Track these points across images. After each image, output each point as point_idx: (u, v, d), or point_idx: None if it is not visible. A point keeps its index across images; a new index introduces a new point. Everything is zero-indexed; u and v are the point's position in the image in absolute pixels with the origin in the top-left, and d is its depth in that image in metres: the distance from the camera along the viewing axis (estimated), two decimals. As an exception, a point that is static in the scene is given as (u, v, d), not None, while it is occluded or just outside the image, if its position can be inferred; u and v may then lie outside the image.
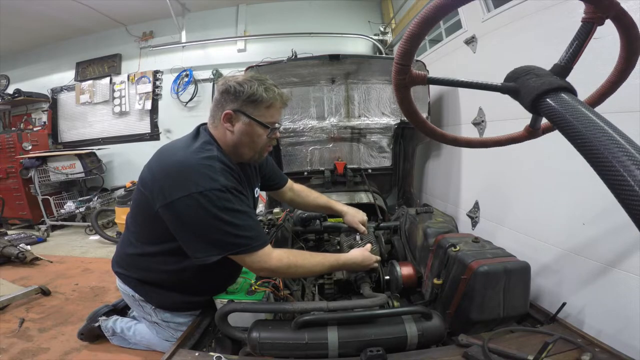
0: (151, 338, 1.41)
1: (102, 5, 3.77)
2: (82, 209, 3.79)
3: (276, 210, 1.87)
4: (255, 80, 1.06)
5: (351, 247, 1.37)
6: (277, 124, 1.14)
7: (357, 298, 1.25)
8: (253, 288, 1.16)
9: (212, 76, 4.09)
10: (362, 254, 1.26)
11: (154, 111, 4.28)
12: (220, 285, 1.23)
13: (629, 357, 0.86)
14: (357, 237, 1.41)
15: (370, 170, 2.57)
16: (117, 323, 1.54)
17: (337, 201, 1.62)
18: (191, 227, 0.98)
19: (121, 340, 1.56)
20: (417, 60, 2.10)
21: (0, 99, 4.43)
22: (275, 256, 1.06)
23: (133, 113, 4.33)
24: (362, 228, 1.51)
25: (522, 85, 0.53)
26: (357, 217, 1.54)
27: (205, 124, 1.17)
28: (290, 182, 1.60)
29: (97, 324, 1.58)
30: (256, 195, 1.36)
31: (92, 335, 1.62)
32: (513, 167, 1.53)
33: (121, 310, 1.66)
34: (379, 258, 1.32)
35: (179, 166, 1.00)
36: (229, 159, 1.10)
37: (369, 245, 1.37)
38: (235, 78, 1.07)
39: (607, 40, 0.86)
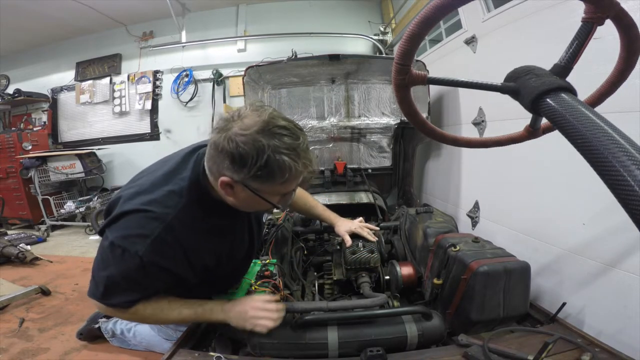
0: (151, 339, 1.41)
1: (102, 5, 3.77)
2: (82, 209, 3.79)
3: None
4: (267, 137, 0.73)
5: (353, 252, 1.37)
6: (289, 195, 0.88)
7: (357, 298, 1.25)
8: (253, 288, 1.16)
9: (212, 76, 4.09)
10: (233, 306, 0.96)
11: (154, 111, 4.28)
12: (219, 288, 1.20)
13: (629, 357, 0.86)
14: (360, 244, 1.41)
15: (370, 170, 2.57)
16: (117, 325, 1.54)
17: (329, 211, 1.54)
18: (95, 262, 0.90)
19: (121, 342, 1.56)
20: (417, 60, 2.10)
21: (0, 99, 4.43)
22: (123, 314, 0.92)
23: (133, 113, 4.33)
24: (348, 240, 1.38)
25: (522, 85, 0.53)
26: (346, 227, 1.43)
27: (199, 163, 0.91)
28: None
29: (97, 326, 1.58)
30: (264, 220, 1.25)
31: (91, 335, 1.62)
32: (513, 167, 1.53)
33: None
34: (270, 319, 0.94)
35: (120, 203, 0.88)
36: (215, 200, 0.90)
37: (267, 298, 1.00)
38: (244, 130, 0.74)
39: (607, 40, 0.86)
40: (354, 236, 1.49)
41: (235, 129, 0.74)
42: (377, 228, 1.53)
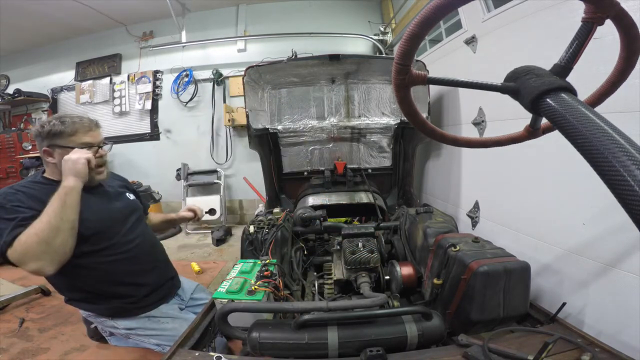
0: (147, 346, 1.41)
1: (102, 5, 3.78)
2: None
3: (276, 210, 1.87)
4: (55, 117, 1.23)
5: (353, 252, 1.37)
6: (93, 145, 1.25)
7: (357, 298, 1.25)
8: (253, 288, 1.16)
9: (212, 76, 4.09)
10: (69, 170, 1.15)
11: (154, 111, 4.29)
12: (134, 277, 1.30)
13: (629, 357, 0.86)
14: (360, 244, 1.41)
15: (370, 170, 2.57)
16: (115, 325, 1.54)
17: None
18: None
19: (119, 340, 1.56)
20: (417, 60, 2.10)
21: (0, 99, 4.43)
22: (14, 248, 1.03)
23: (133, 113, 4.33)
24: (186, 213, 1.66)
25: (522, 85, 0.53)
26: (185, 208, 1.70)
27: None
28: (151, 214, 1.69)
29: (92, 326, 1.58)
30: (130, 198, 1.47)
31: (100, 335, 1.62)
32: (513, 167, 1.53)
33: None
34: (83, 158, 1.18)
35: None
36: (54, 183, 1.19)
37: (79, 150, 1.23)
38: (40, 122, 1.32)
39: (607, 40, 0.86)
40: (354, 235, 1.49)
41: (39, 123, 1.24)
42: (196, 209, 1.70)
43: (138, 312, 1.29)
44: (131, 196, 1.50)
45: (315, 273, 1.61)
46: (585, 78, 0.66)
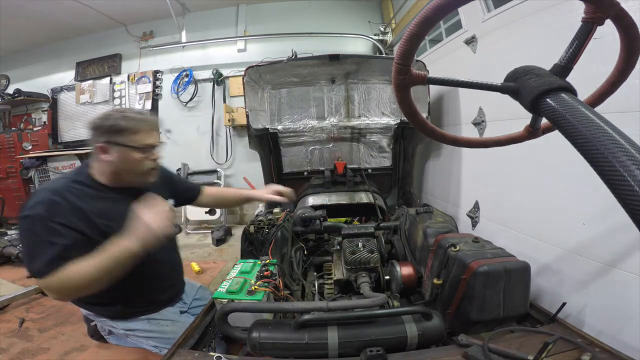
0: (145, 347, 1.40)
1: (102, 5, 3.78)
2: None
3: (276, 210, 1.87)
4: (117, 112, 1.15)
5: (353, 252, 1.37)
6: (152, 146, 1.16)
7: (357, 298, 1.25)
8: (253, 288, 1.16)
9: (212, 76, 4.09)
10: (142, 230, 0.98)
11: (154, 111, 4.28)
12: (142, 287, 1.25)
13: (629, 357, 0.86)
14: (360, 244, 1.40)
15: (370, 170, 2.57)
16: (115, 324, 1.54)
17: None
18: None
19: (118, 339, 1.56)
20: (417, 60, 2.10)
21: (0, 99, 4.43)
22: (50, 282, 0.95)
23: (133, 113, 4.32)
24: (271, 196, 1.56)
25: (522, 85, 0.53)
26: (264, 190, 1.62)
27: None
28: (207, 190, 1.63)
29: (93, 324, 1.59)
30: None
31: (99, 334, 1.62)
32: (513, 167, 1.53)
33: None
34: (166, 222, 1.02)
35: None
36: (97, 185, 1.14)
37: (160, 203, 1.06)
38: (100, 114, 1.14)
39: (607, 40, 0.86)
40: (354, 235, 1.49)
41: (97, 117, 1.13)
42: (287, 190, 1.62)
43: (139, 316, 1.28)
44: (170, 202, 1.37)
45: (315, 273, 1.61)
46: (585, 78, 0.66)
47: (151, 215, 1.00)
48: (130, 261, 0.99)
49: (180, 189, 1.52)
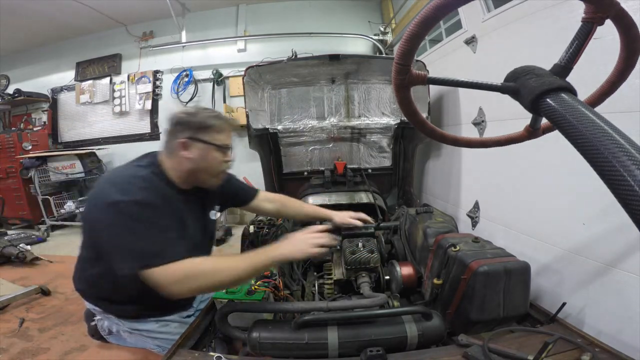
0: (145, 345, 1.40)
1: (102, 5, 3.78)
2: (82, 209, 3.79)
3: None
4: (203, 109, 1.14)
5: (353, 252, 1.37)
6: (229, 147, 1.17)
7: (357, 298, 1.25)
8: (253, 288, 1.16)
9: (212, 76, 4.09)
10: (291, 243, 1.04)
11: (154, 111, 4.28)
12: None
13: (629, 357, 0.86)
14: (360, 244, 1.40)
15: (370, 170, 2.57)
16: (114, 323, 1.54)
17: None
18: (104, 237, 0.97)
19: (118, 339, 1.56)
20: (417, 60, 2.10)
21: (0, 99, 4.43)
22: (170, 270, 0.91)
23: (133, 113, 4.33)
24: (354, 221, 1.47)
25: (522, 85, 0.53)
26: (345, 214, 1.51)
27: (156, 152, 1.18)
28: (263, 193, 1.55)
29: (93, 323, 1.58)
30: (213, 218, 1.35)
31: (100, 334, 1.62)
32: (513, 167, 1.53)
33: None
34: (321, 243, 1.05)
35: (98, 184, 1.03)
36: (170, 182, 1.11)
37: (318, 227, 1.16)
38: (185, 110, 1.15)
39: (607, 40, 0.86)
40: (354, 235, 1.48)
41: (182, 111, 1.13)
42: (369, 218, 1.54)
43: (150, 317, 1.25)
44: (215, 215, 1.37)
45: (315, 273, 1.61)
46: (585, 78, 0.66)
47: (312, 238, 1.04)
48: (271, 267, 1.03)
49: (230, 189, 1.44)
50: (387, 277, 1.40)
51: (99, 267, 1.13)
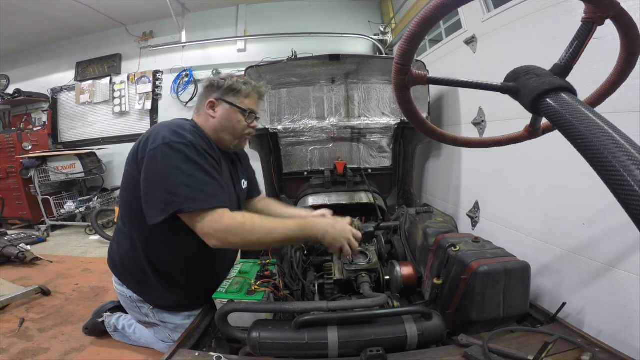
0: (149, 337, 1.42)
1: (102, 5, 3.77)
2: (82, 209, 3.79)
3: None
4: (235, 76, 1.24)
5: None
6: (255, 114, 1.25)
7: (357, 298, 1.25)
8: (253, 288, 1.16)
9: (212, 76, 4.09)
10: (335, 223, 1.10)
11: (154, 111, 4.28)
12: (213, 281, 1.23)
13: (629, 357, 0.86)
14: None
15: (370, 170, 2.57)
16: (120, 320, 1.56)
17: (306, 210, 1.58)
18: (151, 178, 1.01)
19: (122, 336, 1.58)
20: (417, 60, 2.10)
21: (0, 99, 4.43)
22: (229, 215, 1.01)
23: (133, 113, 4.33)
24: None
25: (522, 85, 0.53)
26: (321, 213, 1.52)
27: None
28: (262, 195, 1.63)
29: (101, 320, 1.60)
30: (243, 187, 1.40)
31: (97, 330, 1.63)
32: (513, 167, 1.53)
33: None
34: (353, 236, 1.10)
35: (152, 130, 1.10)
36: (207, 139, 1.17)
37: (348, 219, 1.17)
38: (220, 75, 1.26)
39: (607, 40, 0.86)
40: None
41: (217, 76, 1.24)
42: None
43: (185, 310, 1.26)
44: (245, 183, 1.43)
45: (315, 273, 1.61)
46: (585, 78, 0.66)
47: (346, 230, 1.09)
48: (302, 241, 1.12)
49: (253, 179, 1.54)
50: (387, 277, 1.40)
51: (147, 236, 1.14)
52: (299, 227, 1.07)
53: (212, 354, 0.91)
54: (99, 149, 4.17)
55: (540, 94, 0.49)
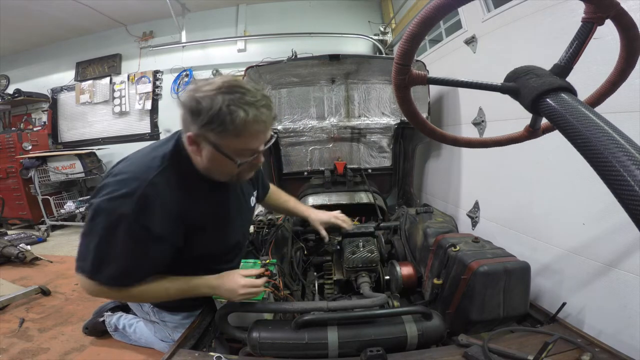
0: (149, 337, 1.42)
1: (102, 5, 3.77)
2: (82, 209, 3.80)
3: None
4: (225, 93, 0.78)
5: (353, 252, 1.37)
6: (255, 151, 0.90)
7: (357, 298, 1.25)
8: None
9: (212, 76, 4.08)
10: (222, 283, 1.00)
11: (154, 111, 4.28)
12: None
13: (629, 357, 0.86)
14: (360, 244, 1.40)
15: (370, 170, 2.57)
16: (121, 320, 1.57)
17: (307, 205, 1.60)
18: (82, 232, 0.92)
19: (122, 336, 1.58)
20: (417, 60, 2.10)
21: (0, 99, 4.43)
22: (113, 292, 0.92)
23: (133, 113, 4.33)
24: (324, 233, 1.45)
25: (522, 85, 0.53)
26: (320, 219, 1.46)
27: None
28: (272, 187, 1.54)
29: (101, 319, 1.61)
30: (252, 204, 1.30)
31: (97, 330, 1.64)
32: (513, 167, 1.53)
33: (126, 307, 1.68)
34: (255, 290, 1.01)
35: (111, 172, 0.94)
36: (193, 171, 0.96)
37: (254, 271, 1.07)
38: (200, 88, 0.81)
39: (607, 40, 0.86)
40: (354, 235, 1.48)
41: (199, 88, 0.81)
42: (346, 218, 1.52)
43: (185, 310, 1.25)
44: (254, 199, 1.29)
45: (315, 273, 1.61)
46: (585, 78, 0.66)
47: (244, 290, 0.99)
48: (196, 295, 1.00)
49: (259, 183, 1.38)
50: (387, 277, 1.40)
51: None
52: (181, 293, 0.98)
53: (212, 354, 0.91)
54: (99, 149, 4.17)
55: (540, 94, 0.49)
